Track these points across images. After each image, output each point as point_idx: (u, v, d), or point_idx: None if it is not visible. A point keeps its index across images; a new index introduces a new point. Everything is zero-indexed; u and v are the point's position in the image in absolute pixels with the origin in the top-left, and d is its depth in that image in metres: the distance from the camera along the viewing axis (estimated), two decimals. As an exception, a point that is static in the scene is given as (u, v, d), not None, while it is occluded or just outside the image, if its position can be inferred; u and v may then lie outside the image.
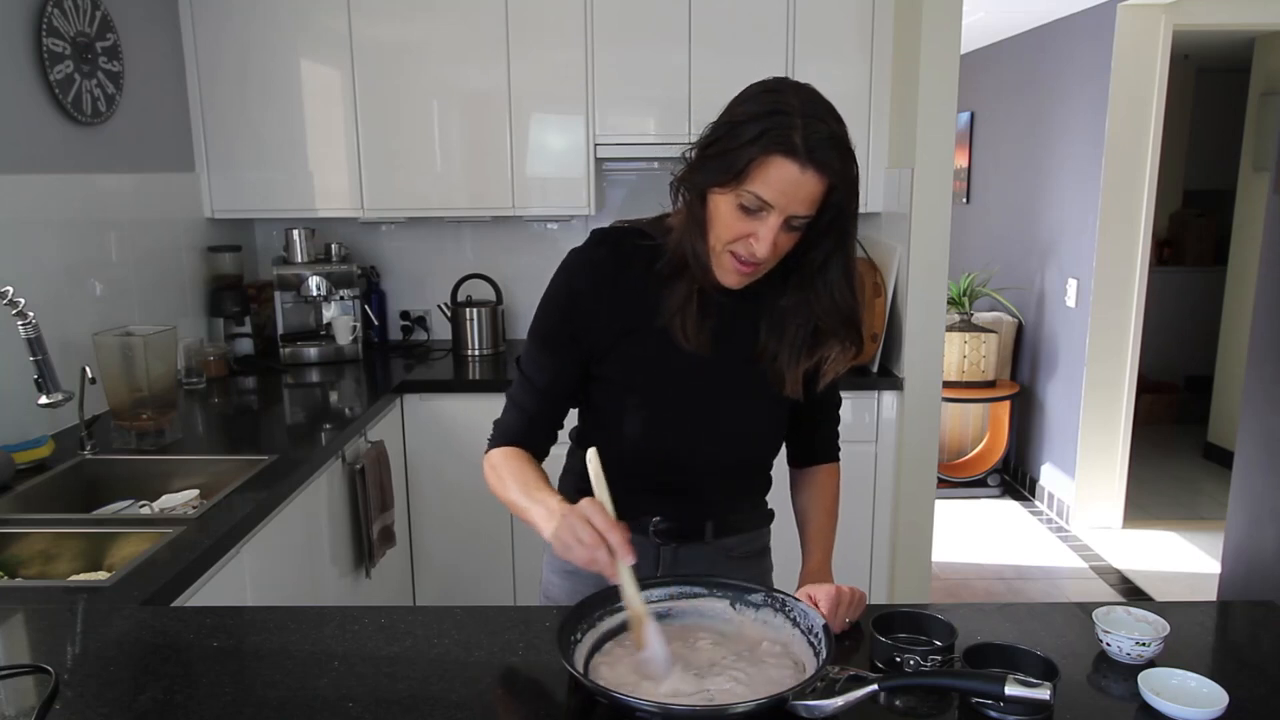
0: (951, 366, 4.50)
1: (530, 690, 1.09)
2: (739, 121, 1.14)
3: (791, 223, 1.15)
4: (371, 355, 3.24)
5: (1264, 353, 2.74)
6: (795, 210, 1.13)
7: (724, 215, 1.16)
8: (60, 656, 1.15)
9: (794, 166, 1.10)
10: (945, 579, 3.73)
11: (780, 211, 1.13)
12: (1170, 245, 5.94)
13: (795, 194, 1.12)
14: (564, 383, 1.34)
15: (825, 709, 0.96)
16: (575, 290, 1.30)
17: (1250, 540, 2.80)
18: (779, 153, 1.10)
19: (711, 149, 1.16)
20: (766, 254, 1.15)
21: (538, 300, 1.35)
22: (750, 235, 1.15)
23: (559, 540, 1.11)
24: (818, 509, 1.43)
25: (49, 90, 2.24)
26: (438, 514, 2.93)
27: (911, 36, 2.73)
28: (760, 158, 1.10)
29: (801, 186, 1.11)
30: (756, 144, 1.10)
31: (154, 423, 2.17)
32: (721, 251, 1.19)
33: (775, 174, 1.11)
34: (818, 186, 1.12)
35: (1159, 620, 1.14)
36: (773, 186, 1.11)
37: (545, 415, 1.35)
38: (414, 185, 3.02)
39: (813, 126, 1.10)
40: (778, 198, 1.12)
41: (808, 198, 1.13)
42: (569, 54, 2.92)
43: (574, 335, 1.30)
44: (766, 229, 1.14)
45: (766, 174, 1.11)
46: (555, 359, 1.32)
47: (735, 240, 1.17)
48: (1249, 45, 4.90)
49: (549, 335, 1.33)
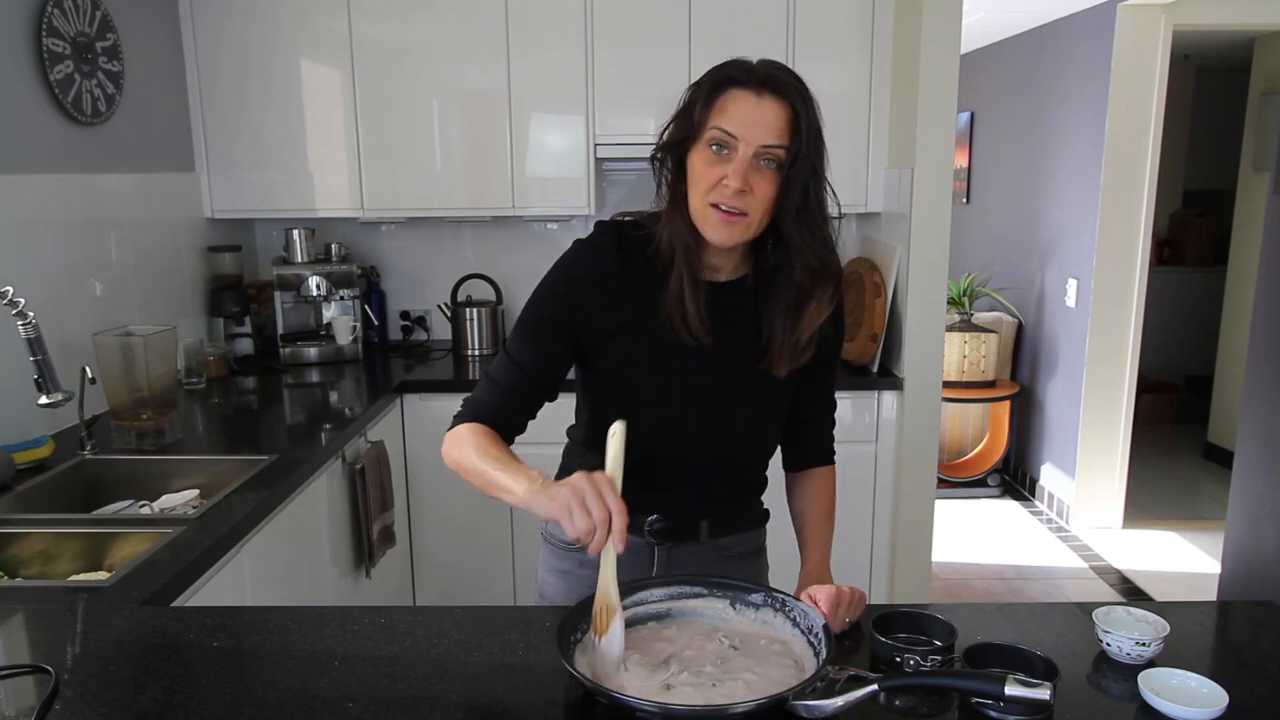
0: (951, 366, 4.50)
1: (530, 690, 1.09)
2: (695, 84, 1.24)
3: (763, 159, 1.18)
4: (371, 355, 3.24)
5: (1264, 353, 2.74)
6: (761, 139, 1.17)
7: (698, 168, 1.22)
8: (60, 656, 1.15)
9: (749, 94, 1.18)
10: (945, 579, 3.73)
11: (746, 142, 1.17)
12: (1170, 245, 5.94)
13: (756, 121, 1.17)
14: (549, 370, 1.32)
15: (825, 709, 0.96)
16: (578, 277, 1.30)
17: (1250, 540, 2.80)
18: (732, 86, 1.19)
19: (676, 118, 1.25)
20: (738, 185, 1.17)
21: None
22: (724, 177, 1.19)
23: (561, 503, 1.07)
24: (814, 512, 1.43)
25: (49, 90, 2.24)
26: (438, 514, 2.93)
27: (911, 36, 2.73)
28: (718, 97, 1.19)
29: (760, 112, 1.17)
30: (710, 86, 1.21)
31: (154, 423, 2.17)
32: (704, 207, 1.21)
33: (733, 106, 1.18)
34: (778, 112, 1.17)
35: (1159, 620, 1.14)
36: (732, 116, 1.18)
37: (524, 399, 1.32)
38: (414, 185, 3.02)
39: (761, 64, 1.21)
40: (740, 127, 1.17)
41: (770, 124, 1.17)
42: (569, 54, 2.92)
43: (570, 325, 1.30)
44: (737, 161, 1.18)
45: (725, 107, 1.19)
46: (545, 344, 1.31)
47: (713, 187, 1.20)
48: (1249, 45, 4.90)
49: (544, 320, 1.32)
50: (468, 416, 1.33)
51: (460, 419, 1.33)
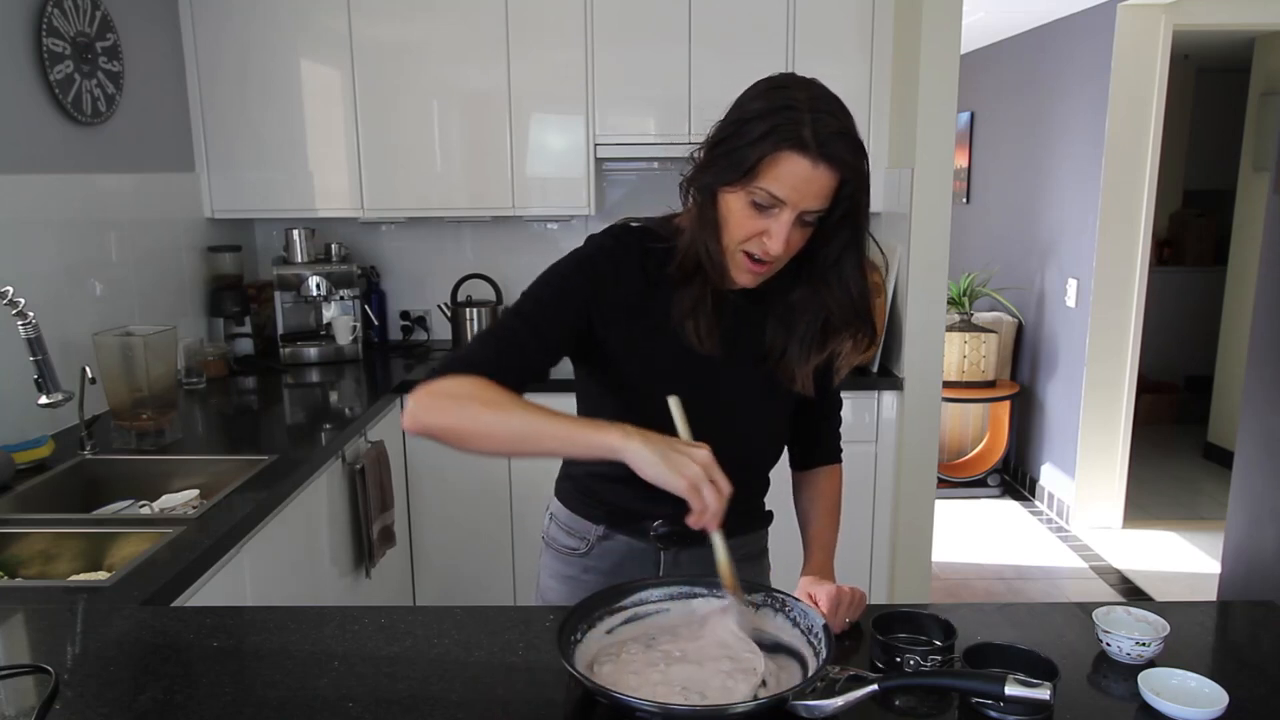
0: (951, 366, 4.50)
1: (530, 690, 1.09)
2: (747, 119, 1.13)
3: (804, 218, 1.14)
4: (371, 355, 3.23)
5: (1264, 353, 2.74)
6: (808, 205, 1.13)
7: (736, 214, 1.16)
8: (60, 656, 1.15)
9: (805, 162, 1.09)
10: (945, 579, 3.73)
11: (793, 208, 1.12)
12: (1170, 245, 5.94)
13: (807, 189, 1.11)
14: (559, 331, 1.23)
15: (825, 709, 0.96)
16: (598, 271, 1.25)
17: (1250, 540, 2.80)
18: (789, 148, 1.09)
19: (720, 148, 1.15)
20: (780, 251, 1.15)
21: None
22: (763, 233, 1.15)
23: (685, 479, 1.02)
24: (820, 510, 1.43)
25: (49, 90, 2.24)
26: (438, 514, 2.93)
27: (911, 36, 2.73)
28: (771, 154, 1.10)
29: (813, 182, 1.11)
30: (766, 140, 1.10)
31: (154, 423, 2.17)
32: (735, 250, 1.18)
33: (786, 170, 1.10)
34: (829, 181, 1.12)
35: (1159, 620, 1.14)
36: (784, 183, 1.11)
37: (529, 356, 1.21)
38: (414, 185, 3.02)
39: (822, 121, 1.10)
40: (790, 194, 1.11)
41: (820, 192, 1.12)
42: (569, 54, 2.92)
43: (589, 299, 1.24)
44: (779, 225, 1.13)
45: (777, 170, 1.10)
46: (562, 305, 1.24)
47: (748, 239, 1.16)
48: (1249, 45, 4.90)
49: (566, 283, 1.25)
50: (459, 370, 1.15)
51: (443, 373, 1.15)
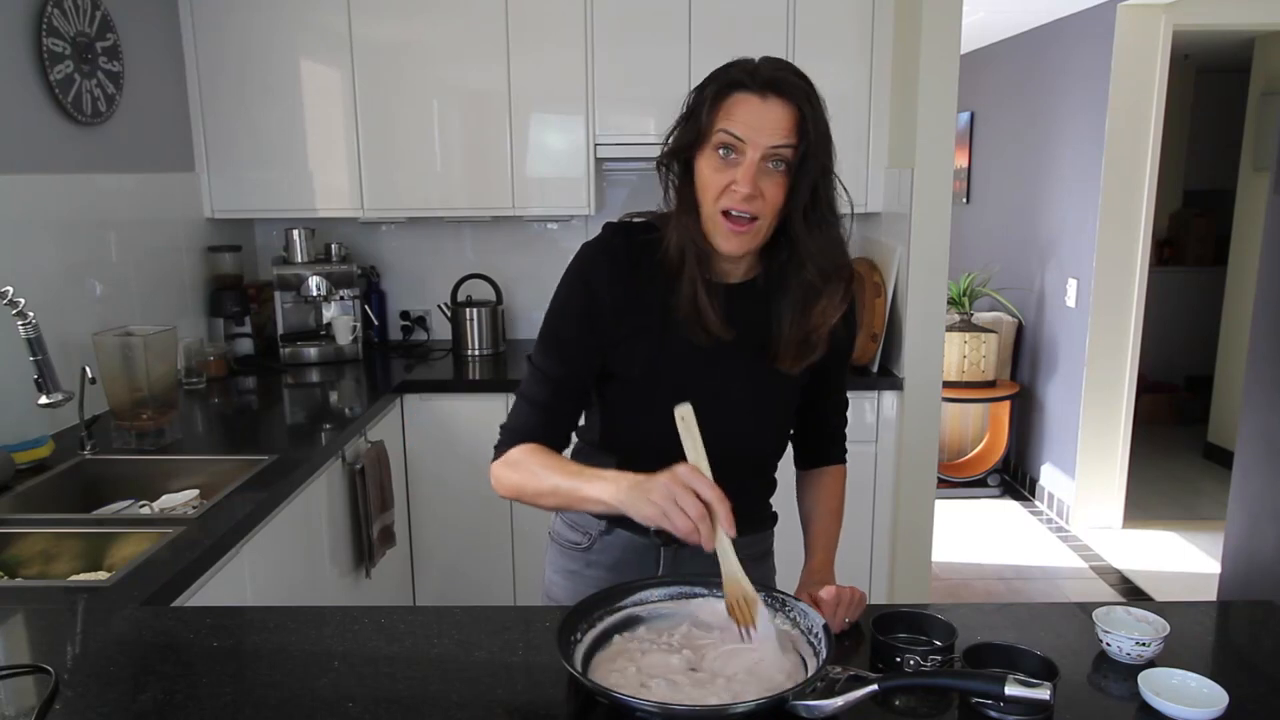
0: (951, 366, 4.49)
1: (530, 690, 1.09)
2: (699, 88, 1.23)
3: (770, 160, 1.17)
4: (371, 355, 3.23)
5: (1264, 353, 2.74)
6: (768, 141, 1.16)
7: (706, 174, 1.21)
8: (60, 656, 1.15)
9: (754, 98, 1.17)
10: (945, 579, 3.73)
11: (754, 145, 1.16)
12: (1170, 245, 5.94)
13: (761, 124, 1.16)
14: (580, 379, 1.31)
15: (825, 709, 0.96)
16: (592, 284, 1.29)
17: (1250, 540, 2.79)
18: (736, 90, 1.18)
19: (680, 122, 1.24)
20: (749, 189, 1.16)
21: (538, 300, 1.34)
22: (732, 182, 1.18)
23: (653, 505, 1.06)
24: (822, 510, 1.43)
25: (49, 90, 2.24)
26: (438, 514, 2.93)
27: (911, 36, 2.73)
28: (722, 102, 1.18)
29: (765, 115, 1.16)
30: (714, 92, 1.19)
31: (154, 423, 2.17)
32: (713, 214, 1.21)
33: (738, 109, 1.17)
34: (784, 114, 1.16)
35: (1159, 620, 1.14)
36: (737, 119, 1.17)
37: (562, 412, 1.32)
38: (414, 185, 3.02)
39: (764, 65, 1.19)
40: (746, 130, 1.16)
41: (776, 126, 1.16)
42: (569, 54, 2.92)
43: (591, 331, 1.29)
44: (745, 166, 1.17)
45: (730, 111, 1.18)
46: (571, 354, 1.30)
47: (721, 193, 1.19)
48: (1249, 45, 4.90)
49: (565, 332, 1.30)
50: (512, 441, 1.30)
51: (503, 446, 1.31)
